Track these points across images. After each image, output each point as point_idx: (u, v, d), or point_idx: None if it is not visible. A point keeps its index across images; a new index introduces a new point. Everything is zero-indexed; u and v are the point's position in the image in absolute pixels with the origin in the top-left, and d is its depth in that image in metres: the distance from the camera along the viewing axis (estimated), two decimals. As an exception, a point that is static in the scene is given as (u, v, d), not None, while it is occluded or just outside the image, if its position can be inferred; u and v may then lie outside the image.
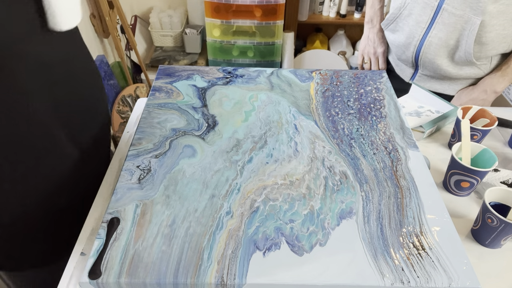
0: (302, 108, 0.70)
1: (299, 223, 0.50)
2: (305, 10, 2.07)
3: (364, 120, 0.68)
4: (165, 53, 2.07)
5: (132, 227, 0.49)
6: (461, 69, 0.94)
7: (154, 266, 0.46)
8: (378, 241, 0.49)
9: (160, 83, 0.74)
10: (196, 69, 0.79)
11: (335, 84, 0.76)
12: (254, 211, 0.52)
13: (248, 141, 0.62)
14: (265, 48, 2.00)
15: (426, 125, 0.83)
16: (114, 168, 0.77)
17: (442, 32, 0.89)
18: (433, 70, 0.97)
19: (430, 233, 0.50)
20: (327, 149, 0.62)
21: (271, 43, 1.98)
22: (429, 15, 0.90)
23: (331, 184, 0.56)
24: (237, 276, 0.45)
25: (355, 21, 2.11)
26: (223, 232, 0.49)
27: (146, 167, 0.57)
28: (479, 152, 0.71)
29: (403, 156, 0.61)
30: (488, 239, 0.62)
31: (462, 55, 0.90)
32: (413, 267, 0.46)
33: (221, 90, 0.73)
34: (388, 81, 0.78)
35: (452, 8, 0.86)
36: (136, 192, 0.54)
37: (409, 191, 0.55)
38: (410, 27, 0.95)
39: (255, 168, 0.58)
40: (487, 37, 0.85)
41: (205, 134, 0.63)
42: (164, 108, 0.68)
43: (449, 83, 0.99)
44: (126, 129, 0.86)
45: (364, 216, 0.52)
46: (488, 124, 0.79)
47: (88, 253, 0.60)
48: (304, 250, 0.48)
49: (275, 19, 1.89)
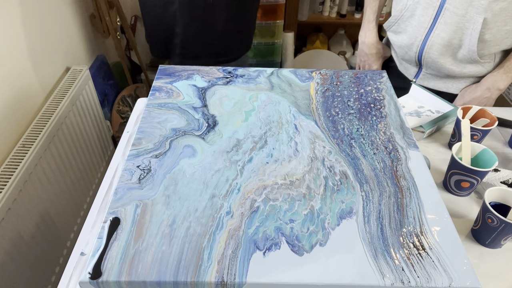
0: (302, 108, 0.70)
1: (299, 223, 0.50)
2: (305, 10, 2.07)
3: (364, 120, 0.68)
4: (165, 53, 2.06)
5: (132, 227, 0.49)
6: (464, 68, 0.94)
7: (154, 266, 0.45)
8: (378, 241, 0.49)
9: (160, 83, 0.74)
10: (196, 69, 0.79)
11: (335, 84, 0.76)
12: (254, 211, 0.52)
13: (248, 141, 0.62)
14: (265, 48, 2.00)
15: (426, 125, 0.83)
16: (114, 168, 0.77)
17: (444, 32, 0.89)
18: (436, 69, 0.97)
19: (430, 233, 0.50)
20: (327, 149, 0.62)
21: (271, 43, 1.98)
22: (431, 15, 0.90)
23: (331, 184, 0.56)
24: (237, 276, 0.45)
25: (355, 21, 2.11)
26: (223, 232, 0.49)
27: (146, 167, 0.57)
28: (479, 152, 0.71)
29: (403, 156, 0.61)
30: (488, 239, 0.62)
31: (465, 53, 0.90)
32: (413, 267, 0.46)
33: (221, 90, 0.73)
34: (388, 81, 0.78)
35: (454, 7, 0.86)
36: (136, 192, 0.54)
37: (409, 191, 0.55)
38: (413, 28, 0.95)
39: (255, 168, 0.58)
40: (489, 34, 0.85)
41: (205, 134, 0.63)
42: (164, 108, 0.68)
43: (453, 81, 0.99)
44: (126, 129, 0.87)
45: (364, 216, 0.52)
46: (488, 124, 0.79)
47: (88, 253, 0.60)
48: (304, 250, 0.48)
49: (275, 19, 1.89)
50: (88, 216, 0.68)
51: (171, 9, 1.11)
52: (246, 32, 1.25)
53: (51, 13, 1.31)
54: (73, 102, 1.27)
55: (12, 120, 1.08)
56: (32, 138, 1.07)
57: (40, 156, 1.07)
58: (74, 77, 1.32)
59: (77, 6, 1.51)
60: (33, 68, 1.19)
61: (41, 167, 1.08)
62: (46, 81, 1.27)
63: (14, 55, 1.10)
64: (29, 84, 1.17)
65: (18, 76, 1.12)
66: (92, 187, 1.45)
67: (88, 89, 1.40)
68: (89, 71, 1.43)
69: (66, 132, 1.23)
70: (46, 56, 1.26)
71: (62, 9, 1.38)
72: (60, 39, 1.37)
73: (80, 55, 1.53)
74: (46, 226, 1.11)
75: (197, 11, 1.11)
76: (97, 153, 1.49)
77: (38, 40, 1.22)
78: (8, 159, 1.00)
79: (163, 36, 1.19)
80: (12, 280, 0.97)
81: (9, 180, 0.94)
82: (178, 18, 1.12)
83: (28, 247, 1.03)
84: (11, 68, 1.08)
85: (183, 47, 1.17)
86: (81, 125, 1.35)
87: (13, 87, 1.09)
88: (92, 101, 1.43)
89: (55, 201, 1.17)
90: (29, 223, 1.03)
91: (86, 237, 0.64)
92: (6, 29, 1.06)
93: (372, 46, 1.10)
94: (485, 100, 0.96)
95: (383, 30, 1.72)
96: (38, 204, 1.07)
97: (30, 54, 1.17)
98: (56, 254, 1.18)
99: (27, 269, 1.03)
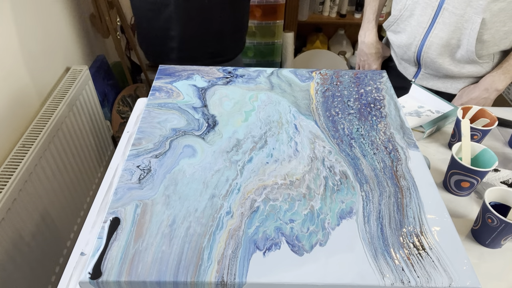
0: (302, 108, 0.70)
1: (299, 223, 0.50)
2: (305, 10, 2.07)
3: (364, 120, 0.68)
4: (165, 53, 2.06)
5: (132, 227, 0.49)
6: (463, 68, 0.94)
7: (154, 266, 0.46)
8: (378, 241, 0.49)
9: (160, 83, 0.74)
10: (196, 69, 0.79)
11: (335, 84, 0.76)
12: (254, 211, 0.52)
13: (248, 141, 0.62)
14: (265, 48, 1.99)
15: (426, 125, 0.83)
16: (114, 168, 0.77)
17: (443, 32, 0.89)
18: (435, 69, 0.97)
19: (430, 233, 0.50)
20: (327, 149, 0.62)
21: (271, 43, 1.98)
22: (430, 15, 0.90)
23: (331, 184, 0.56)
24: (237, 276, 0.45)
25: (355, 21, 2.11)
26: (223, 232, 0.49)
27: (146, 167, 0.57)
28: (479, 152, 0.71)
29: (403, 156, 0.61)
30: (488, 239, 0.62)
31: (464, 53, 0.90)
32: (413, 267, 0.46)
33: (221, 90, 0.73)
34: (388, 81, 0.78)
35: (452, 7, 0.86)
36: (136, 192, 0.54)
37: (409, 191, 0.55)
38: (412, 28, 0.95)
39: (255, 168, 0.58)
40: (488, 34, 0.85)
41: (205, 134, 0.63)
42: (164, 108, 0.68)
43: (452, 81, 0.99)
44: (126, 129, 0.87)
45: (364, 216, 0.52)
46: (488, 124, 0.79)
47: (88, 253, 0.60)
48: (304, 250, 0.48)
49: (275, 19, 1.89)
50: (88, 216, 0.68)
51: (165, 12, 1.10)
52: (240, 32, 1.26)
53: (51, 13, 1.31)
54: (73, 102, 1.27)
55: (12, 120, 1.08)
56: (32, 138, 1.07)
57: (40, 156, 1.07)
58: (74, 77, 1.33)
59: (77, 6, 1.51)
60: (33, 68, 1.19)
61: (41, 167, 1.08)
62: (46, 81, 1.27)
63: (14, 55, 1.10)
64: (29, 84, 1.17)
65: (18, 76, 1.12)
66: (92, 187, 1.45)
67: (88, 89, 1.40)
68: (89, 71, 1.43)
69: (66, 132, 1.23)
70: (46, 56, 1.26)
71: (62, 9, 1.38)
72: (60, 39, 1.37)
73: (80, 55, 1.53)
74: (46, 226, 1.11)
75: (193, 12, 1.11)
76: (97, 153, 1.49)
77: (38, 40, 1.22)
78: (8, 159, 1.00)
79: (158, 40, 1.18)
80: (12, 280, 0.97)
81: (9, 180, 0.94)
82: (174, 20, 1.11)
83: (28, 247, 1.03)
84: (11, 68, 1.08)
85: (180, 50, 1.17)
86: (81, 125, 1.35)
87: (13, 87, 1.09)
88: (92, 101, 1.44)
89: (55, 201, 1.17)
90: (29, 223, 1.03)
91: (86, 237, 0.64)
92: (6, 29, 1.06)
93: (372, 46, 1.11)
94: (483, 101, 0.96)
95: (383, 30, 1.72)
96: (38, 204, 1.07)
97: (30, 54, 1.17)
98: (56, 254, 1.18)
99: (27, 269, 1.03)
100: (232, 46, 1.26)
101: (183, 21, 1.12)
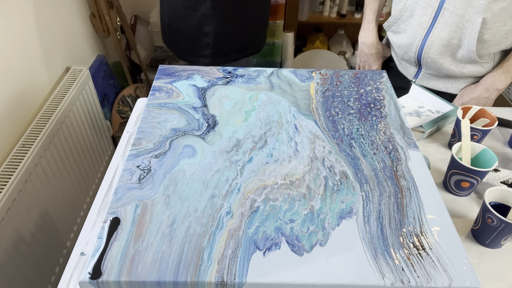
0: (302, 108, 0.70)
1: (299, 223, 0.50)
2: (305, 10, 2.07)
3: (364, 120, 0.68)
4: (165, 53, 2.07)
5: (132, 227, 0.49)
6: (464, 68, 0.94)
7: (154, 266, 0.45)
8: (378, 241, 0.49)
9: (160, 83, 0.74)
10: (196, 69, 0.79)
11: (335, 84, 0.76)
12: (254, 211, 0.52)
13: (248, 141, 0.62)
14: (265, 48, 1.99)
15: (426, 125, 0.83)
16: (114, 168, 0.77)
17: (443, 32, 0.89)
18: (436, 69, 0.97)
19: (430, 233, 0.50)
20: (327, 149, 0.62)
21: (271, 43, 1.98)
22: (430, 15, 0.90)
23: (331, 184, 0.56)
24: (237, 276, 0.45)
25: (355, 21, 2.11)
26: (223, 232, 0.49)
27: (146, 167, 0.57)
28: (479, 152, 0.71)
29: (403, 156, 0.61)
30: (488, 239, 0.62)
31: (465, 53, 0.90)
32: (413, 267, 0.46)
33: (221, 90, 0.73)
34: (388, 81, 0.78)
35: (453, 7, 0.86)
36: (136, 192, 0.54)
37: (409, 191, 0.55)
38: (412, 28, 0.95)
39: (255, 168, 0.58)
40: (489, 34, 0.85)
41: (205, 134, 0.63)
42: (164, 108, 0.68)
43: (452, 81, 0.99)
44: (126, 129, 0.87)
45: (364, 216, 0.52)
46: (488, 124, 0.79)
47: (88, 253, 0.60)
48: (304, 250, 0.48)
49: (275, 19, 1.89)
50: (88, 216, 0.68)
51: (201, 9, 1.14)
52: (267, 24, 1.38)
53: (51, 13, 1.31)
54: (73, 102, 1.27)
55: (12, 120, 1.08)
56: (32, 138, 1.07)
57: (40, 156, 1.07)
58: (74, 77, 1.33)
59: (77, 6, 1.51)
60: (33, 68, 1.19)
61: (41, 167, 1.08)
62: (46, 81, 1.27)
63: (14, 55, 1.10)
64: (29, 84, 1.17)
65: (18, 76, 1.12)
66: (92, 187, 1.45)
67: (88, 89, 1.40)
68: (89, 71, 1.43)
69: (66, 132, 1.23)
70: (46, 56, 1.26)
71: (62, 9, 1.38)
72: (60, 39, 1.37)
73: (80, 55, 1.53)
74: (46, 226, 1.11)
75: (227, 8, 1.16)
76: (97, 153, 1.49)
77: (38, 40, 1.22)
78: (8, 159, 1.00)
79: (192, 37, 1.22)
80: (12, 280, 0.97)
81: (9, 180, 0.94)
82: (209, 17, 1.15)
83: (28, 247, 1.03)
84: (11, 68, 1.08)
85: (214, 46, 1.21)
86: (81, 125, 1.35)
87: (13, 87, 1.09)
88: (92, 101, 1.44)
89: (55, 201, 1.17)
90: (29, 223, 1.03)
91: (86, 237, 0.64)
92: (6, 29, 1.06)
93: (372, 46, 1.11)
94: (484, 100, 0.96)
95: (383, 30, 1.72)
96: (38, 204, 1.07)
97: (30, 54, 1.17)
98: (56, 254, 1.18)
99: (27, 269, 1.03)
100: (260, 39, 1.36)
101: (218, 17, 1.16)
